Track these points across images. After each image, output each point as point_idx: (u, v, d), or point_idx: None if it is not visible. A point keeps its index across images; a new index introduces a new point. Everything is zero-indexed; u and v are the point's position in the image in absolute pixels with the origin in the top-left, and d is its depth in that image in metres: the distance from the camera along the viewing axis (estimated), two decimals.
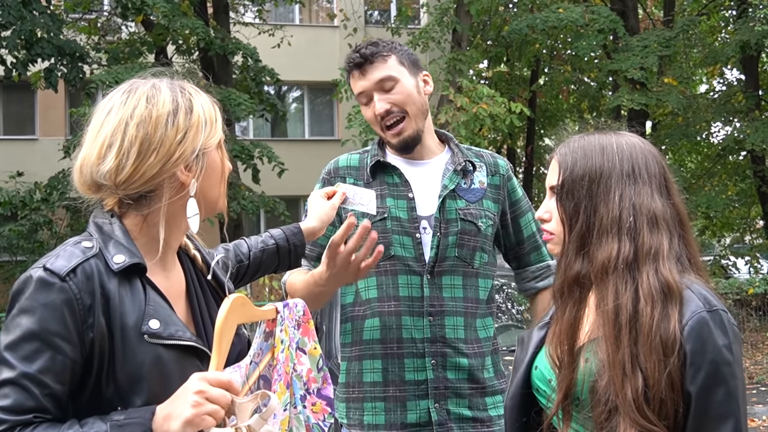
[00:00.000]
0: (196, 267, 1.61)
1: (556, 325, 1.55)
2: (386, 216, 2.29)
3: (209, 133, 1.47)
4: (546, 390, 1.58)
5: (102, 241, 1.41)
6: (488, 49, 14.70)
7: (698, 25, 14.73)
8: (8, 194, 11.56)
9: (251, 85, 12.81)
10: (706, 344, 1.37)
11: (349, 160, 2.43)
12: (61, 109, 16.81)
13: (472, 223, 2.30)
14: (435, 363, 2.23)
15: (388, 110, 2.27)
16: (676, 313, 1.40)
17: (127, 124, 1.41)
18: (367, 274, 2.28)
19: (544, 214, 1.61)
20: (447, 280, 2.28)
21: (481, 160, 2.41)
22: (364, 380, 2.30)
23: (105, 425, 1.30)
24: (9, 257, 13.42)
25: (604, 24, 12.11)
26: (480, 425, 2.26)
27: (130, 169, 1.40)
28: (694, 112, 14.61)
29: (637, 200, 1.48)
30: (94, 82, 10.36)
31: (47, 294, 1.32)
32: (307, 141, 19.36)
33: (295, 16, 19.41)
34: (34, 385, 1.30)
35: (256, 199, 12.67)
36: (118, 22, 13.02)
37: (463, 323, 2.27)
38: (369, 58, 2.28)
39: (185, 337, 1.42)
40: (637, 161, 1.52)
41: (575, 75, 16.72)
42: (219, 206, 1.55)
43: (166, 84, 1.48)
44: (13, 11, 9.84)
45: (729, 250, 17.27)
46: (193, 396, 1.31)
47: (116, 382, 1.36)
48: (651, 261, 1.45)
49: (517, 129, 13.25)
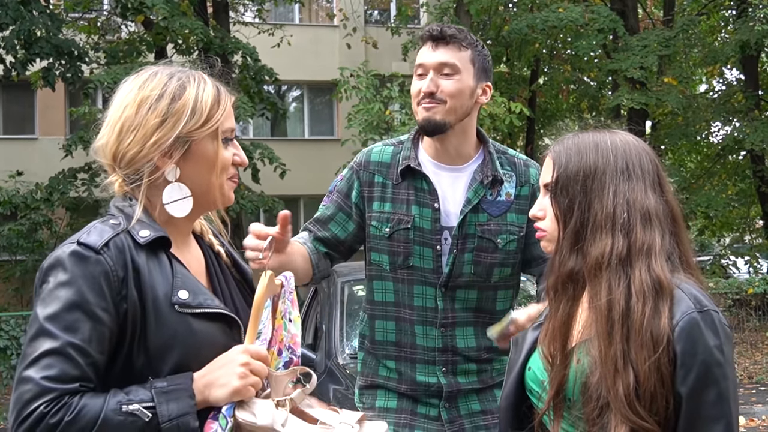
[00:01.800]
0: (214, 251, 1.66)
1: (549, 322, 1.55)
2: (410, 226, 2.26)
3: (197, 122, 1.48)
4: (538, 391, 1.58)
5: (126, 220, 1.46)
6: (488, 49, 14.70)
7: (698, 24, 14.74)
8: (8, 193, 11.56)
9: (251, 85, 12.81)
10: (697, 345, 1.38)
11: (381, 154, 2.37)
12: (61, 109, 16.80)
13: (490, 240, 2.27)
14: (446, 370, 2.28)
15: (433, 93, 2.22)
16: (667, 311, 1.40)
17: (119, 106, 1.49)
18: (384, 278, 2.32)
19: (538, 212, 1.61)
20: (461, 293, 2.28)
21: (513, 169, 2.35)
22: (379, 373, 2.36)
23: (149, 392, 1.34)
24: (9, 256, 13.43)
25: (603, 23, 12.12)
26: (490, 417, 2.31)
27: (112, 147, 1.48)
28: (694, 112, 14.61)
29: (631, 196, 1.48)
30: (93, 82, 10.36)
31: (85, 266, 1.36)
32: (306, 141, 19.36)
33: (294, 15, 19.41)
34: (79, 354, 1.32)
35: (255, 198, 12.68)
36: (118, 22, 13.01)
37: (473, 332, 2.29)
38: (447, 38, 2.24)
39: (213, 305, 1.46)
40: (631, 158, 1.52)
41: (575, 74, 16.72)
42: (213, 198, 1.54)
43: (168, 72, 1.52)
44: (11, 11, 9.84)
45: (729, 249, 17.28)
46: (239, 368, 1.39)
47: (147, 352, 1.39)
48: (644, 257, 1.45)
49: (517, 129, 13.24)
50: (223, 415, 1.39)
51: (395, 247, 2.28)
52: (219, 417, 1.39)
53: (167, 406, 1.34)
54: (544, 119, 18.21)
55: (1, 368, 8.42)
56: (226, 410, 1.40)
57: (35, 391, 1.29)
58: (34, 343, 1.33)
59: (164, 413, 1.33)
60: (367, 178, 2.34)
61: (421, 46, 2.31)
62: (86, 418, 1.29)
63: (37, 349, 1.32)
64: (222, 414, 1.39)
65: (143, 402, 1.33)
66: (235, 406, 1.41)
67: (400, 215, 2.28)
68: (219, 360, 1.42)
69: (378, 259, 2.32)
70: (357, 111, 10.46)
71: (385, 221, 2.28)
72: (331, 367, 5.02)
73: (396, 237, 2.27)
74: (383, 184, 2.32)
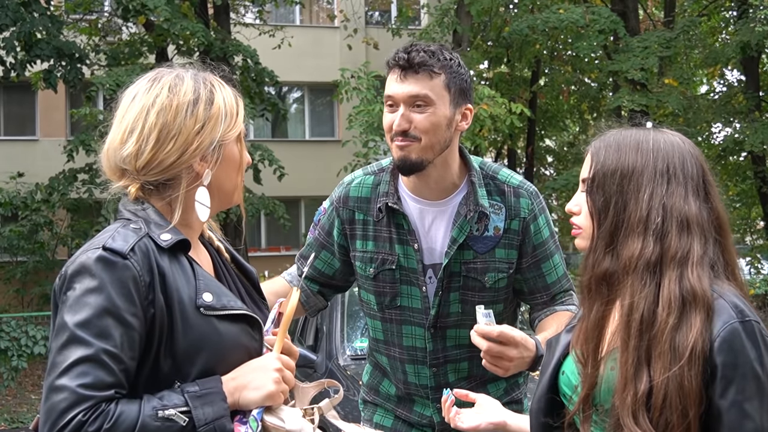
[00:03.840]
0: (221, 255, 1.66)
1: (582, 322, 1.51)
2: (395, 267, 2.17)
3: (229, 125, 1.50)
4: (570, 395, 1.53)
5: (145, 224, 1.45)
6: (489, 50, 14.70)
7: (699, 25, 14.73)
8: (9, 195, 11.56)
9: (252, 86, 12.81)
10: (738, 357, 1.33)
11: (360, 188, 2.23)
12: (62, 110, 16.81)
13: (476, 279, 2.15)
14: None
15: (406, 130, 2.04)
16: (699, 323, 1.34)
17: (148, 111, 1.45)
18: (374, 317, 2.28)
19: (573, 207, 1.57)
20: (451, 332, 2.19)
21: (502, 200, 2.15)
22: (380, 391, 2.35)
23: (182, 397, 1.34)
24: (9, 258, 13.43)
25: (604, 25, 12.11)
26: None
27: (148, 155, 1.44)
28: (695, 113, 14.59)
29: (669, 201, 1.43)
30: (95, 84, 10.36)
31: (113, 272, 1.35)
32: (307, 142, 19.37)
33: (295, 17, 19.41)
34: (112, 361, 1.31)
35: (256, 201, 12.69)
36: (119, 23, 13.01)
37: (467, 366, 2.23)
38: (416, 66, 2.02)
39: (237, 306, 1.47)
40: (673, 160, 1.46)
41: (576, 76, 16.72)
42: (234, 199, 1.58)
43: (190, 75, 1.51)
44: (11, 12, 9.84)
45: None
46: (274, 373, 1.42)
47: (174, 356, 1.39)
48: (677, 265, 1.39)
49: (518, 130, 13.24)
50: (254, 418, 1.39)
51: (381, 287, 2.20)
52: (249, 420, 1.39)
53: (202, 410, 1.34)
54: (544, 120, 18.20)
55: (2, 369, 8.42)
56: (257, 413, 1.40)
57: (72, 399, 1.27)
58: (65, 351, 1.31)
59: (200, 417, 1.33)
60: (347, 215, 2.24)
61: (388, 72, 2.09)
62: (124, 425, 1.28)
63: (69, 357, 1.30)
64: (253, 416, 1.40)
65: (178, 407, 1.33)
66: (263, 410, 1.41)
67: (384, 254, 2.18)
68: (251, 364, 1.44)
69: (366, 298, 2.27)
70: (358, 112, 10.45)
71: (369, 261, 2.20)
72: (332, 368, 5.02)
73: (381, 277, 2.19)
74: (364, 221, 2.21)
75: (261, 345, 1.51)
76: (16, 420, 8.51)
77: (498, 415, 1.77)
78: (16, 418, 8.57)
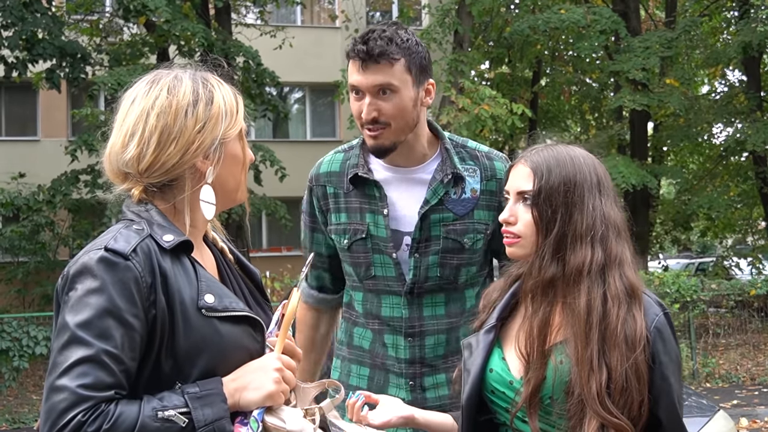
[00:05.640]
0: (224, 255, 1.66)
1: (527, 323, 1.63)
2: (365, 236, 2.20)
3: (229, 123, 1.50)
4: (505, 391, 1.64)
5: (147, 225, 1.45)
6: (490, 50, 14.71)
7: (700, 26, 14.73)
8: (10, 195, 11.57)
9: (252, 87, 12.82)
10: (667, 344, 1.58)
11: (331, 164, 2.31)
12: (63, 111, 16.82)
13: (456, 241, 2.18)
14: (413, 384, 2.21)
15: (375, 118, 2.10)
16: (640, 315, 1.55)
17: (148, 114, 1.44)
18: (356, 288, 2.29)
19: (509, 217, 1.66)
20: (428, 299, 2.21)
21: (476, 163, 2.23)
22: (350, 383, 2.30)
23: (182, 398, 1.34)
24: (11, 258, 13.44)
25: (605, 25, 12.12)
26: None
27: (150, 158, 1.43)
28: (696, 113, 14.60)
29: (605, 210, 1.61)
30: (97, 84, 10.37)
31: (114, 272, 1.35)
32: (308, 142, 19.37)
33: (296, 17, 19.42)
34: (113, 362, 1.31)
35: (257, 201, 12.69)
36: (120, 24, 13.02)
37: (445, 340, 2.22)
38: (375, 57, 2.05)
39: (239, 308, 1.47)
40: (598, 172, 1.64)
41: (577, 76, 16.72)
42: (238, 197, 1.58)
43: (188, 75, 1.51)
44: (14, 12, 9.85)
45: (731, 251, 17.25)
46: (274, 373, 1.42)
47: (175, 357, 1.39)
48: (617, 266, 1.59)
49: (519, 130, 13.22)
50: (255, 419, 1.39)
51: (356, 258, 2.23)
52: (250, 421, 1.39)
53: (202, 411, 1.34)
54: (546, 121, 18.20)
55: (3, 370, 8.42)
56: (257, 414, 1.40)
57: (71, 399, 1.27)
58: (65, 351, 1.31)
59: (200, 418, 1.33)
60: (320, 191, 2.29)
61: (348, 62, 2.13)
62: (124, 426, 1.28)
63: (69, 358, 1.30)
64: (253, 417, 1.40)
65: (177, 408, 1.32)
66: (264, 411, 1.41)
67: (356, 225, 2.21)
68: (251, 364, 1.44)
69: (348, 270, 2.29)
70: None
71: (342, 233, 2.23)
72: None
73: (354, 248, 2.22)
74: (335, 194, 2.26)
75: (263, 347, 1.51)
76: (18, 420, 8.52)
77: (405, 410, 1.86)
78: (18, 418, 8.58)
